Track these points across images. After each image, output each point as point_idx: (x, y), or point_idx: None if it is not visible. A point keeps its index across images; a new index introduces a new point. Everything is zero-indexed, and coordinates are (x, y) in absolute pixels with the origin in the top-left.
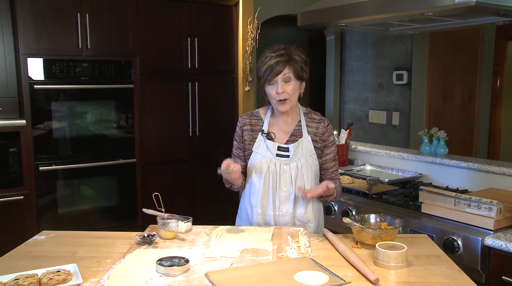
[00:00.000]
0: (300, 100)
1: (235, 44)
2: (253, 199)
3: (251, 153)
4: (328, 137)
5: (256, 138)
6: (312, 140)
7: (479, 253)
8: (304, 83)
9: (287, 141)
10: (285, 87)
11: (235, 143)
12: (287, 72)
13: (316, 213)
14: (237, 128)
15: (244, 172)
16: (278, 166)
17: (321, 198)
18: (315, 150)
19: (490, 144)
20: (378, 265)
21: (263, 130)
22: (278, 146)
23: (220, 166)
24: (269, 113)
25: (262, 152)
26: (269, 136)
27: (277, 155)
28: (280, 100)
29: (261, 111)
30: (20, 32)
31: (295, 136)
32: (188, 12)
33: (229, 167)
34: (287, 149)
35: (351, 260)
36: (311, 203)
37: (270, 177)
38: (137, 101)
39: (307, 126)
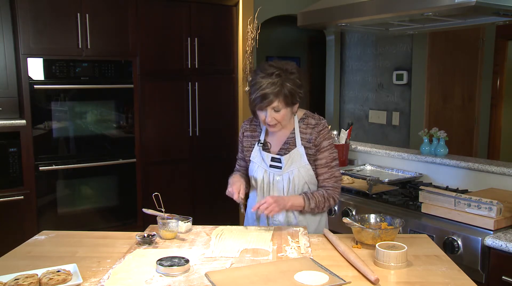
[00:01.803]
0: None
1: (235, 44)
2: (251, 207)
3: (250, 160)
4: (320, 142)
5: (254, 144)
6: (305, 147)
7: (479, 253)
8: (297, 105)
9: (280, 149)
10: (274, 115)
11: (239, 146)
12: (276, 105)
13: (311, 224)
14: (240, 133)
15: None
16: (272, 176)
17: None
18: (309, 157)
19: (490, 144)
20: (378, 265)
21: (259, 140)
22: (272, 157)
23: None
24: None
25: (258, 162)
26: (265, 146)
27: (271, 166)
28: (269, 125)
29: None
30: (20, 32)
31: (288, 144)
32: (188, 12)
33: (240, 197)
34: (279, 160)
35: (351, 260)
36: (302, 214)
37: (264, 188)
38: (137, 101)
39: (301, 132)
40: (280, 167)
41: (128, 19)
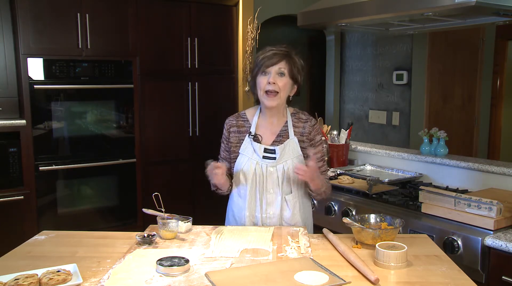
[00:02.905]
0: (290, 103)
1: (235, 44)
2: (241, 201)
3: (237, 155)
4: (314, 136)
5: (242, 139)
6: (298, 140)
7: (479, 253)
8: (296, 87)
9: (273, 142)
10: (277, 79)
11: (222, 145)
12: (282, 66)
13: (303, 215)
14: (224, 130)
15: (231, 175)
16: (264, 168)
17: (311, 192)
18: (302, 150)
19: (490, 144)
20: (378, 265)
21: (250, 132)
22: (265, 148)
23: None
24: (256, 115)
25: (249, 154)
26: (256, 138)
27: (264, 157)
28: (269, 92)
29: (248, 112)
30: (20, 32)
31: (281, 136)
32: (188, 12)
33: (217, 169)
34: (273, 151)
35: (351, 260)
36: (298, 205)
37: (257, 180)
38: (137, 101)
39: (294, 126)
40: (274, 158)
41: (128, 19)
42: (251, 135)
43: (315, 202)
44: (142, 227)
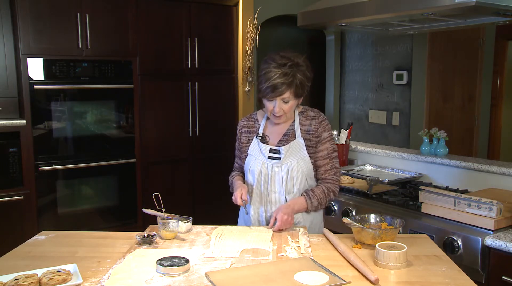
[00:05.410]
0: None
1: (235, 44)
2: (249, 200)
3: (247, 155)
4: (321, 133)
5: (252, 140)
6: (305, 139)
7: (479, 253)
8: (302, 97)
9: (279, 141)
10: (283, 105)
11: (236, 144)
12: (287, 96)
13: (306, 217)
14: (237, 130)
15: (243, 173)
16: (270, 168)
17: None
18: (308, 149)
19: (490, 144)
20: (378, 265)
21: (258, 133)
22: (270, 149)
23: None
24: (265, 115)
25: (256, 154)
26: (263, 140)
27: (269, 157)
28: (275, 115)
29: (259, 113)
30: (20, 32)
31: (287, 136)
32: (188, 12)
33: (243, 200)
34: (278, 152)
35: (351, 260)
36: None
37: (262, 179)
38: (137, 101)
39: (301, 124)
40: (279, 158)
41: (128, 19)
42: (259, 136)
43: None
44: (142, 227)
